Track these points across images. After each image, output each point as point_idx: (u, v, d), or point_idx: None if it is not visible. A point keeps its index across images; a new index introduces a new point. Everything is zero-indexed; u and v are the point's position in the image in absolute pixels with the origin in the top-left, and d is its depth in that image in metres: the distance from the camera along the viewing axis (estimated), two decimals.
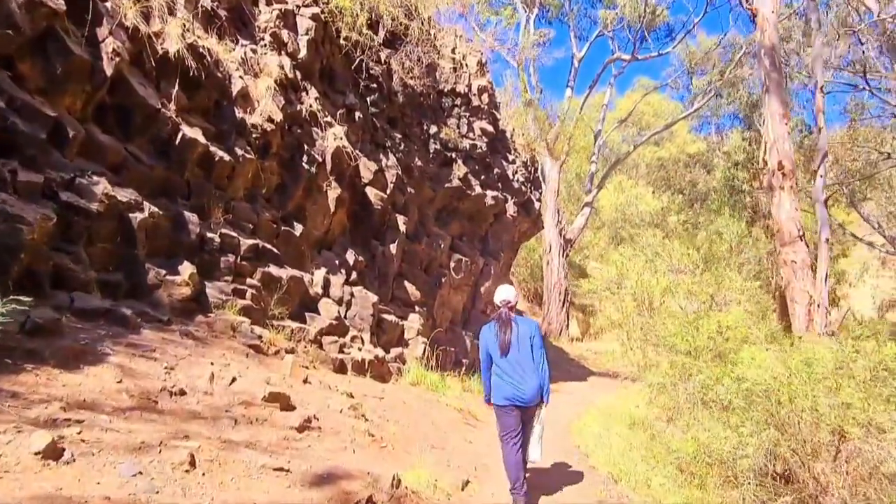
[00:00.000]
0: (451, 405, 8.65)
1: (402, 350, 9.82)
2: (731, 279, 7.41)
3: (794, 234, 7.55)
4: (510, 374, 5.13)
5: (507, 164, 13.80)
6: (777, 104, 8.17)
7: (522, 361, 5.14)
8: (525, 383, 5.08)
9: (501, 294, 5.52)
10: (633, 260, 8.74)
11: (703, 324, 5.80)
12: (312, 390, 5.96)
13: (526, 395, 5.09)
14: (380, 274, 10.08)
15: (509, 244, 14.27)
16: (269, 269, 7.93)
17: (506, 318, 5.33)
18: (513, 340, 5.21)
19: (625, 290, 8.01)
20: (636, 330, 7.52)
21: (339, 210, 9.38)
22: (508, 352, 5.17)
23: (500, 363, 5.22)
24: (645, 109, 39.46)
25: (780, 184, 7.76)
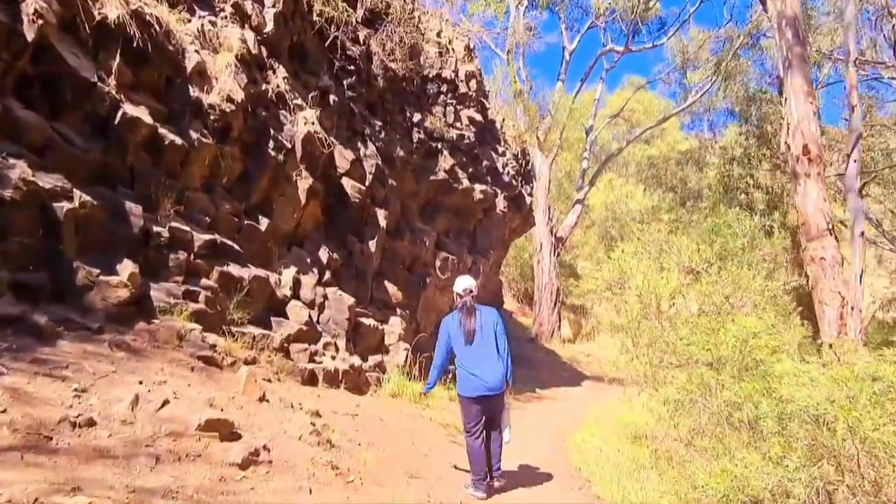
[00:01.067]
0: (436, 419, 7.76)
1: (382, 358, 8.91)
2: (749, 279, 6.60)
3: (822, 226, 6.74)
4: (476, 364, 5.16)
5: (496, 157, 12.93)
6: (801, 80, 7.35)
7: (487, 350, 5.17)
8: (490, 372, 5.11)
9: (462, 283, 5.54)
10: (637, 257, 7.92)
11: (726, 331, 4.98)
12: (268, 411, 5.04)
13: (491, 384, 5.12)
14: (357, 273, 9.17)
15: (499, 241, 13.40)
16: (229, 268, 7.00)
17: (470, 307, 5.35)
18: (477, 329, 5.24)
19: (629, 291, 7.18)
20: (642, 335, 6.69)
21: (311, 202, 8.45)
22: (473, 340, 5.21)
23: (465, 353, 5.25)
24: (635, 107, 38.83)
25: (806, 170, 6.95)
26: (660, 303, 6.67)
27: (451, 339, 5.40)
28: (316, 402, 6.23)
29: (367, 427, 6.11)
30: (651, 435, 8.96)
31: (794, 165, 7.09)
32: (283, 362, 6.96)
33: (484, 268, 12.27)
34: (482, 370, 5.14)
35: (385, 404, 7.67)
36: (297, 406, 5.57)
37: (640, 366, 6.57)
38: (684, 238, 8.05)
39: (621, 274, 7.64)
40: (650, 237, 8.82)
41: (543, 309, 22.29)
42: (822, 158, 7.03)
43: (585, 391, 14.90)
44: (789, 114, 7.34)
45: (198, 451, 3.72)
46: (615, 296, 7.84)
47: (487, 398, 5.18)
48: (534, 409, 11.40)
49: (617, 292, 7.81)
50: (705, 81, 24.90)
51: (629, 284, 7.29)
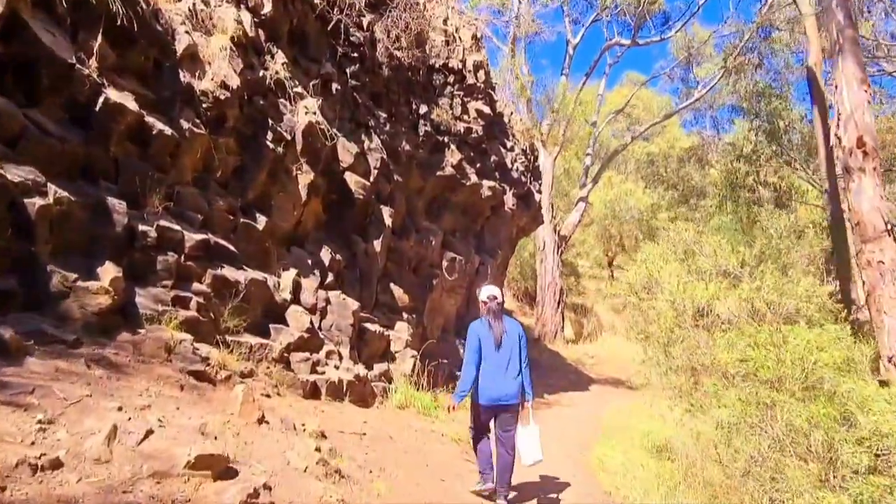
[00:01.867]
0: (448, 435, 7.17)
1: (388, 366, 8.31)
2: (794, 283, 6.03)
3: (880, 227, 6.16)
4: (497, 372, 5.16)
5: (505, 152, 12.32)
6: (853, 66, 6.76)
7: (509, 359, 5.19)
8: (508, 381, 5.14)
9: (488, 291, 5.56)
10: (665, 259, 7.34)
11: (786, 344, 4.42)
12: (268, 436, 4.43)
13: (509, 394, 5.15)
14: (362, 276, 8.56)
15: (507, 240, 12.81)
16: (223, 270, 6.38)
17: (497, 311, 5.38)
18: (503, 336, 5.27)
19: (658, 296, 6.60)
20: (675, 346, 6.11)
21: (312, 199, 7.84)
22: (501, 345, 5.22)
23: (491, 359, 5.21)
24: (635, 104, 38.33)
25: (860, 165, 6.36)
26: (696, 310, 6.10)
27: (482, 345, 5.30)
28: (320, 419, 5.63)
29: (377, 448, 5.51)
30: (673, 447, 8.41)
31: (847, 160, 6.52)
32: (283, 374, 6.36)
33: (491, 268, 11.68)
34: (502, 379, 5.17)
35: (393, 419, 7.08)
36: (300, 427, 4.96)
37: (677, 380, 6.00)
38: (718, 238, 7.48)
39: (649, 277, 7.08)
40: (678, 237, 8.26)
41: (546, 309, 21.73)
42: (878, 152, 6.46)
43: (595, 396, 14.35)
44: (840, 103, 6.77)
45: (186, 495, 3.12)
46: (642, 301, 7.28)
47: (500, 407, 5.22)
48: (545, 418, 10.82)
49: (644, 297, 7.25)
50: (711, 76, 24.32)
51: (659, 289, 6.73)
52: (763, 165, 21.56)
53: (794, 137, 19.83)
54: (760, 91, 20.97)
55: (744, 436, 4.30)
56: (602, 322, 27.68)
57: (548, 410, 11.75)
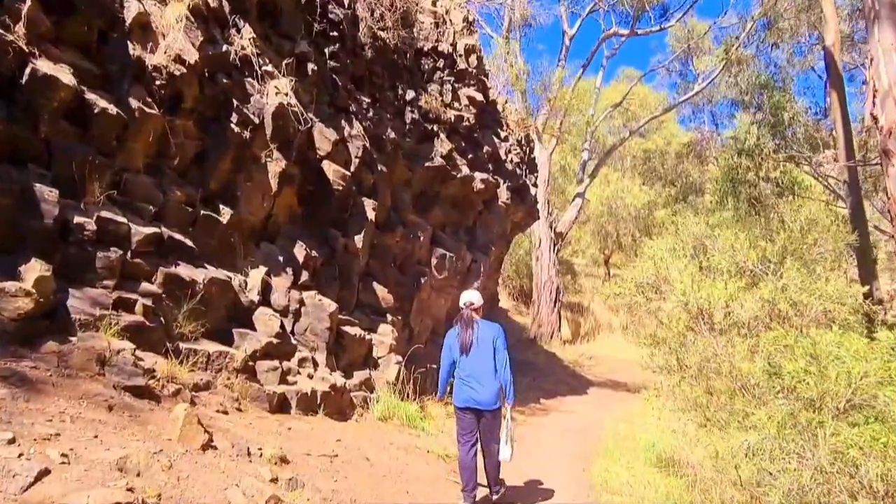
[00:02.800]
0: (434, 451, 6.45)
1: (370, 373, 7.58)
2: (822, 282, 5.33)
3: None
4: (469, 376, 5.14)
5: (498, 142, 11.58)
6: (892, 36, 6.07)
7: (481, 364, 5.14)
8: (482, 386, 5.08)
9: (464, 297, 5.58)
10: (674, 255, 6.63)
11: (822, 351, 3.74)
12: (212, 466, 3.70)
13: (482, 398, 5.09)
14: (341, 274, 7.82)
15: (501, 237, 12.08)
16: (178, 268, 5.65)
17: (467, 319, 5.38)
18: (473, 341, 5.23)
19: (668, 296, 5.89)
20: (689, 353, 5.40)
21: (284, 190, 7.10)
22: (469, 352, 5.20)
23: (462, 364, 5.25)
24: (631, 100, 37.73)
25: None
26: (712, 312, 5.40)
27: (452, 350, 5.38)
28: (284, 440, 4.90)
29: (350, 474, 4.77)
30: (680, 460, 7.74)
31: (886, 142, 5.84)
32: (246, 386, 5.62)
33: (484, 266, 10.95)
34: (475, 383, 5.12)
35: (373, 434, 6.34)
36: (255, 452, 4.22)
37: (689, 389, 5.28)
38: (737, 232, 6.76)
39: (657, 275, 6.37)
40: (687, 231, 7.55)
41: (543, 308, 21.01)
42: None
43: (594, 401, 13.63)
44: (876, 78, 6.08)
45: None
46: (648, 301, 6.58)
47: (477, 412, 5.16)
48: (542, 426, 10.12)
49: (651, 297, 6.55)
50: (711, 69, 23.62)
51: (669, 288, 6.03)
52: (765, 160, 20.89)
53: (798, 131, 19.14)
54: (763, 84, 20.30)
55: (778, 464, 3.61)
56: (599, 321, 27.04)
57: (545, 418, 11.04)
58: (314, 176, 7.68)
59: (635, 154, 41.29)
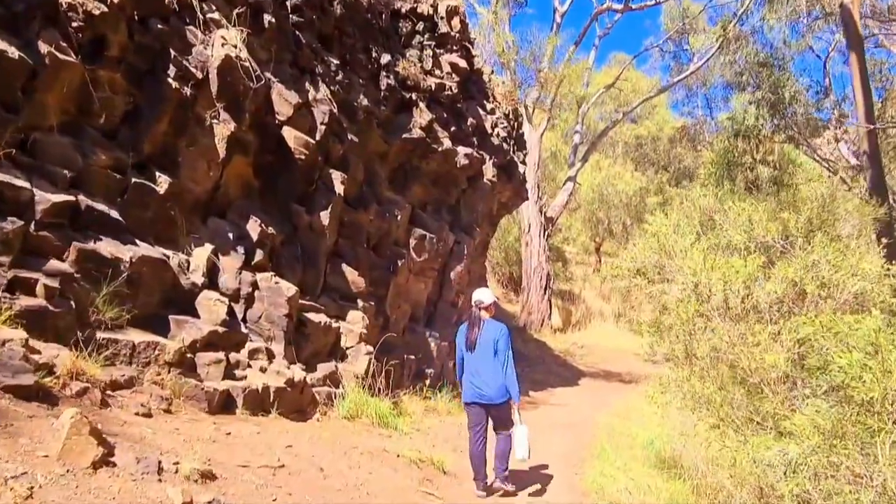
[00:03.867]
0: (405, 454, 5.62)
1: (336, 366, 6.74)
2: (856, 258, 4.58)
3: None
4: (475, 374, 5.32)
5: (484, 115, 10.71)
6: None
7: (485, 362, 5.29)
8: (486, 384, 5.24)
9: (476, 295, 5.66)
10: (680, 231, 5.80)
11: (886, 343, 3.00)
12: (96, 491, 2.85)
13: (488, 394, 5.25)
14: (305, 254, 6.96)
15: (487, 217, 11.22)
16: (98, 244, 4.77)
17: (475, 318, 5.49)
18: (478, 339, 5.38)
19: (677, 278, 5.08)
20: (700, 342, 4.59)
21: (235, 157, 6.21)
22: (474, 349, 5.35)
23: (468, 361, 5.42)
24: (623, 86, 36.98)
25: None
26: (727, 295, 4.60)
27: (459, 347, 5.56)
28: (217, 448, 4.06)
29: (296, 489, 3.94)
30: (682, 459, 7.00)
31: None
32: (181, 383, 4.77)
33: (468, 248, 10.11)
34: (479, 380, 5.29)
35: (335, 436, 5.51)
36: (169, 467, 3.38)
37: (705, 388, 4.48)
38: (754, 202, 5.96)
39: (661, 254, 5.57)
40: (694, 205, 6.73)
41: (532, 296, 20.23)
42: None
43: (587, 392, 12.88)
44: None
45: None
46: (650, 284, 5.77)
47: (483, 406, 5.33)
48: (532, 421, 9.30)
49: (653, 279, 5.74)
50: (707, 48, 22.77)
51: (675, 268, 5.23)
52: (763, 142, 20.14)
53: (798, 111, 18.37)
54: (762, 62, 19.48)
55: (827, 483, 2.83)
56: (591, 309, 26.38)
57: (535, 411, 10.26)
58: (273, 144, 6.80)
59: (627, 140, 40.73)
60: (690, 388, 4.59)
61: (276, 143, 6.83)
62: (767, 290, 4.53)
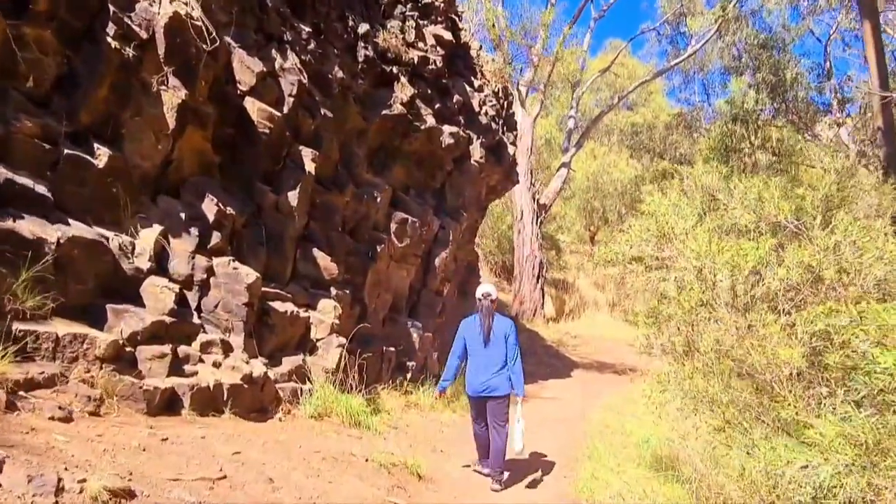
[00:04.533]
0: (375, 458, 5.08)
1: (304, 359, 6.17)
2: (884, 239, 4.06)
3: None
4: (484, 366, 5.42)
5: (471, 92, 10.09)
6: None
7: (495, 355, 5.43)
8: (494, 376, 5.39)
9: (483, 289, 5.75)
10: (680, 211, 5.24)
11: None
12: None
13: (494, 386, 5.39)
14: (270, 238, 6.37)
15: (475, 201, 10.64)
16: (18, 223, 4.17)
17: (488, 310, 5.55)
18: (492, 333, 5.48)
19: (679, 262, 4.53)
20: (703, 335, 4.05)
21: (189, 129, 5.61)
22: (489, 342, 5.45)
23: (478, 354, 5.49)
24: (619, 71, 36.38)
25: None
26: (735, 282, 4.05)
27: (467, 340, 5.59)
28: (144, 458, 3.49)
29: None
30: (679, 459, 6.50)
31: None
32: (116, 380, 4.19)
33: (454, 233, 9.54)
34: (488, 373, 5.40)
35: (296, 437, 4.96)
36: (72, 486, 2.81)
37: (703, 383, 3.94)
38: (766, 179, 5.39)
39: (660, 236, 5.01)
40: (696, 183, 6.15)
41: (524, 285, 19.70)
42: None
43: (579, 385, 12.38)
44: None
45: None
46: (648, 271, 5.22)
47: (487, 398, 5.45)
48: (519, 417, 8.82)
49: (651, 264, 5.19)
50: (706, 29, 22.10)
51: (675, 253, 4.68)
52: (762, 127, 19.63)
53: (799, 94, 17.82)
54: (762, 43, 18.92)
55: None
56: (585, 298, 25.92)
57: (525, 406, 9.72)
58: (234, 116, 6.20)
59: (622, 128, 40.26)
60: (693, 387, 4.05)
61: (239, 115, 6.22)
62: (780, 276, 3.98)
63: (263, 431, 4.87)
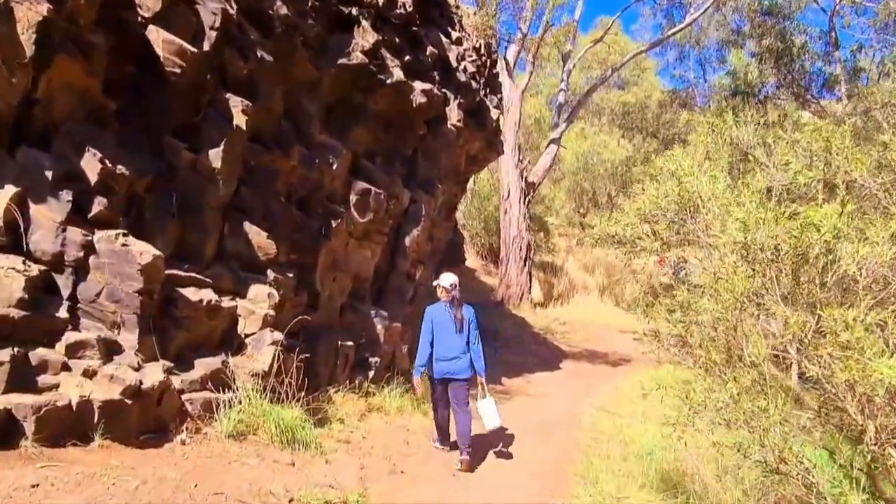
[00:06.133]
0: (306, 497, 3.81)
1: (227, 360, 4.86)
2: None
3: None
4: (449, 350, 5.71)
5: (448, 44, 8.72)
6: None
7: (461, 340, 5.77)
8: (459, 360, 5.71)
9: (449, 279, 5.98)
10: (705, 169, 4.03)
11: None
12: None
13: (458, 370, 5.70)
14: (185, 207, 5.04)
15: (452, 172, 9.29)
16: None
17: (459, 302, 5.91)
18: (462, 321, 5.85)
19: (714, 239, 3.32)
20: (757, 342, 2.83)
21: (62, 60, 4.23)
22: (463, 330, 5.79)
23: (444, 340, 5.75)
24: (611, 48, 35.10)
25: None
26: (798, 266, 2.83)
27: (435, 326, 5.79)
28: None
29: None
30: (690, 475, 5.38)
31: None
32: None
33: (427, 208, 8.22)
34: (451, 356, 5.68)
35: (195, 470, 3.68)
36: None
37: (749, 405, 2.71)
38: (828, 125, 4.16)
39: (681, 204, 3.77)
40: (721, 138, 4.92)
41: (511, 268, 18.44)
42: None
43: (569, 378, 11.18)
44: None
45: None
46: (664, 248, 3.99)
47: (451, 380, 5.70)
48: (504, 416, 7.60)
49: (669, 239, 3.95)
50: None
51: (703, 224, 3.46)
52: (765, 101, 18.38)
53: (806, 64, 16.59)
54: (767, 10, 17.61)
55: None
56: (574, 282, 24.75)
57: (508, 404, 8.52)
58: (137, 50, 4.83)
59: (613, 107, 39.15)
60: (742, 413, 2.82)
61: (143, 49, 4.86)
62: (862, 254, 2.76)
63: (148, 464, 3.59)
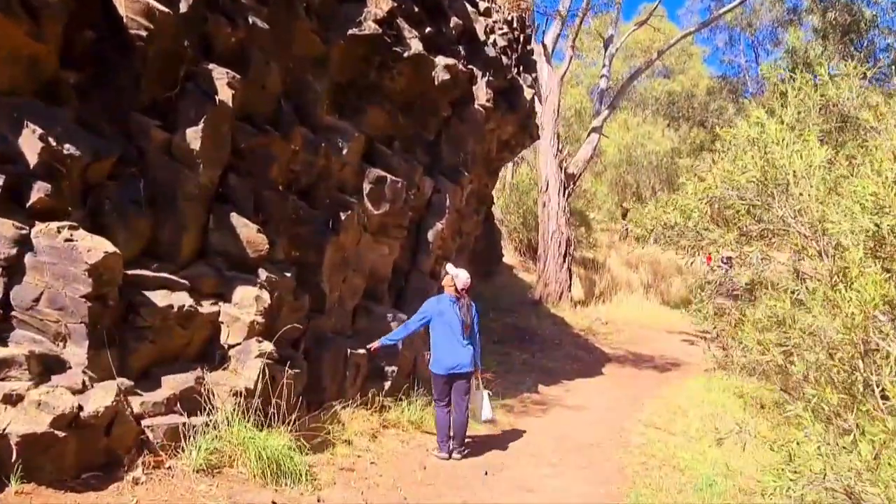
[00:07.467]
0: None
1: (203, 377, 4.11)
2: None
3: None
4: (455, 346, 5.63)
5: (475, 14, 7.83)
6: None
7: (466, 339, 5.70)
8: (466, 356, 5.67)
9: (463, 278, 5.81)
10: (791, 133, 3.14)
11: None
12: None
13: (462, 364, 5.65)
14: (158, 196, 4.30)
15: (482, 158, 8.38)
16: None
17: (468, 303, 5.82)
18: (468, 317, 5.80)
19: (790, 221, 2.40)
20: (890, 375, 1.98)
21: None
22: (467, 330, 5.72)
23: (452, 339, 5.64)
24: (654, 37, 33.71)
25: None
26: None
27: (436, 320, 5.67)
28: None
29: None
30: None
31: None
32: None
33: (454, 199, 7.37)
34: (457, 351, 5.62)
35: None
36: None
37: None
38: None
39: (762, 183, 2.86)
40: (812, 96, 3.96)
41: (550, 264, 17.42)
42: None
43: (612, 387, 10.14)
44: None
45: None
46: (743, 240, 3.07)
47: (456, 375, 5.65)
48: (532, 435, 6.71)
49: (747, 228, 3.03)
50: None
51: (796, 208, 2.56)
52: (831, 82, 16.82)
53: (878, 40, 15.09)
54: None
55: None
56: (617, 279, 23.57)
57: (541, 419, 7.64)
58: (98, 13, 4.11)
59: (658, 96, 37.75)
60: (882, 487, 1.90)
61: (106, 14, 4.14)
62: None
63: None
